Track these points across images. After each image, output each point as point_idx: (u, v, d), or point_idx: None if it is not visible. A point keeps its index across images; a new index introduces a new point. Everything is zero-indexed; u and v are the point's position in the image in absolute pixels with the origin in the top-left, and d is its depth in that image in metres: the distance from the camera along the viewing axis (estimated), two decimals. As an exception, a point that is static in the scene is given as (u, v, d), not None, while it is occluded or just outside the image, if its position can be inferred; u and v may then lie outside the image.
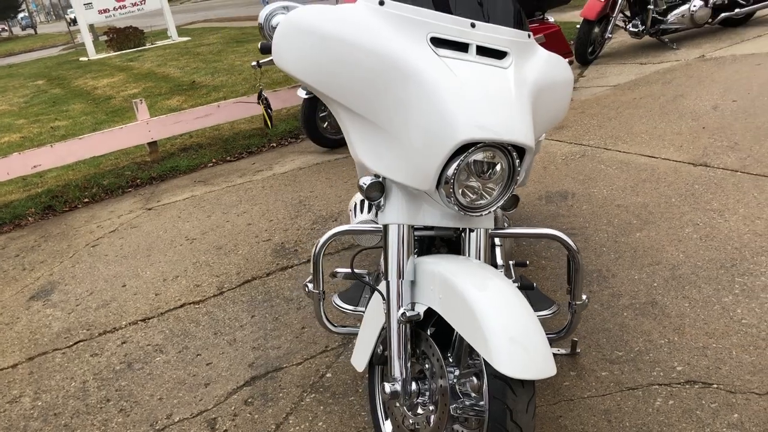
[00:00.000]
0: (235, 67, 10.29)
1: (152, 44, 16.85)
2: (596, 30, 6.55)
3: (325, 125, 5.42)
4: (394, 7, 1.60)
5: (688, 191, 3.44)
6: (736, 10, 6.83)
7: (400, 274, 1.73)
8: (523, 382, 1.54)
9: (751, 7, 6.83)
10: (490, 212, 1.71)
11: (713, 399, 2.02)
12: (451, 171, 1.56)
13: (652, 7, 6.51)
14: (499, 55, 1.68)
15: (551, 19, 5.62)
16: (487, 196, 1.67)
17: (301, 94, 5.21)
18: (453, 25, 1.62)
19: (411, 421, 1.79)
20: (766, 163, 3.59)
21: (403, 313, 1.71)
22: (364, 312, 2.27)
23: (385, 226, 1.76)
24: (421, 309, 1.72)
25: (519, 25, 1.78)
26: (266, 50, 2.06)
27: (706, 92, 5.07)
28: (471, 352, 1.72)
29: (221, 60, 11.46)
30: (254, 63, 2.12)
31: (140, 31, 17.31)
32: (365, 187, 1.71)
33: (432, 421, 1.71)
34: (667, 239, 2.99)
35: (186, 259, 3.76)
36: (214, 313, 3.10)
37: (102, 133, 5.68)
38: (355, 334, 2.07)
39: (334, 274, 2.19)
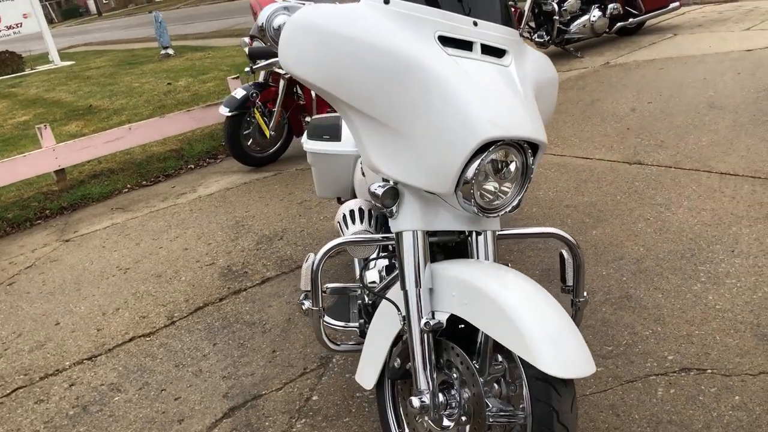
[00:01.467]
0: (134, 89, 9.83)
1: (33, 69, 15.87)
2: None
3: (249, 143, 5.26)
4: (399, 5, 1.54)
5: (631, 188, 3.57)
6: (630, 20, 7.24)
7: (418, 283, 1.65)
8: (565, 382, 1.50)
9: (642, 17, 7.26)
10: (506, 212, 1.67)
11: (711, 384, 2.07)
12: (471, 171, 1.51)
13: (557, 17, 6.78)
14: (499, 53, 1.65)
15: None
16: (502, 196, 1.64)
17: (224, 111, 5.03)
18: (458, 24, 1.58)
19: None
20: (696, 158, 3.79)
21: (427, 323, 1.64)
22: (357, 328, 2.18)
23: (398, 234, 1.68)
24: (442, 317, 1.65)
25: (511, 23, 1.77)
26: (256, 56, 1.93)
27: (621, 96, 5.32)
28: (495, 356, 1.67)
29: (116, 83, 10.93)
30: (247, 69, 1.98)
31: (18, 55, 16.28)
32: (380, 193, 1.63)
33: (468, 430, 1.64)
34: (623, 235, 3.07)
35: (123, 290, 3.50)
36: (170, 344, 2.88)
37: (2, 163, 5.24)
38: (358, 351, 1.97)
39: (328, 291, 2.08)
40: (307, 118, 5.32)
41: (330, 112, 5.32)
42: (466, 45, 1.58)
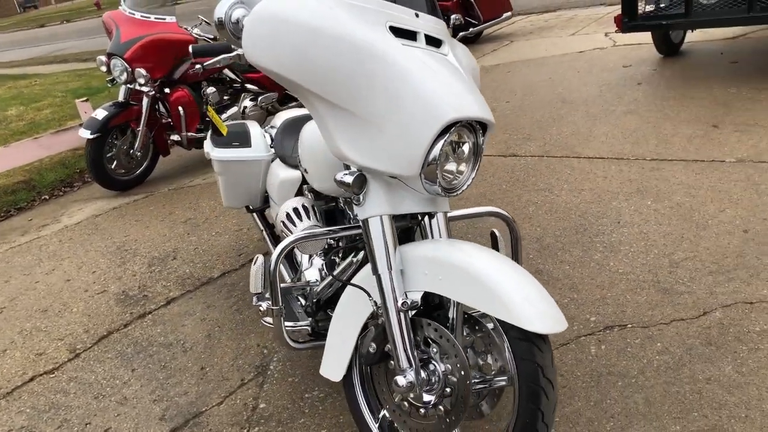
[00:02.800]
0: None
1: None
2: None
3: (113, 166, 4.98)
4: None
5: (513, 177, 3.82)
6: (470, 29, 7.70)
7: (390, 266, 1.69)
8: (543, 338, 1.61)
9: (481, 26, 7.75)
10: (463, 191, 1.76)
11: (634, 336, 2.28)
12: (436, 152, 1.57)
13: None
14: (437, 43, 1.75)
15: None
16: (458, 176, 1.72)
17: (85, 134, 4.74)
18: (404, 15, 1.66)
19: (422, 412, 1.75)
20: (563, 147, 4.13)
21: (404, 302, 1.68)
22: (308, 326, 2.16)
23: (365, 221, 1.71)
24: (416, 296, 1.70)
25: (440, 15, 1.88)
26: (200, 53, 1.85)
27: (479, 97, 5.65)
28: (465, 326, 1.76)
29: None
30: (198, 66, 1.87)
31: None
32: (351, 181, 1.64)
33: (452, 404, 1.69)
34: (519, 218, 3.29)
35: (5, 331, 3.18)
36: (81, 377, 2.67)
37: None
38: (320, 347, 1.96)
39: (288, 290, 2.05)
40: (174, 136, 5.14)
41: (201, 127, 5.18)
42: (410, 35, 1.66)
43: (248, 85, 5.46)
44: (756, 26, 5.72)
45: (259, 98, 5.44)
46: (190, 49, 1.82)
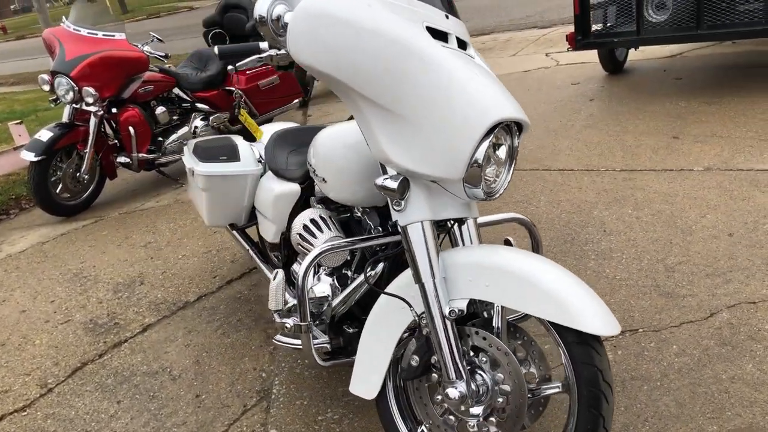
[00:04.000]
0: None
1: None
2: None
3: (58, 190, 4.71)
4: None
5: (488, 191, 3.82)
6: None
7: (434, 274, 1.62)
8: (599, 341, 1.57)
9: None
10: (500, 195, 1.71)
11: (648, 340, 2.29)
12: (481, 153, 1.53)
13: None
14: (464, 45, 1.71)
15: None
16: (496, 179, 1.68)
17: (28, 157, 4.46)
18: (437, 16, 1.63)
19: (471, 427, 1.67)
20: (531, 160, 4.18)
21: (452, 311, 1.62)
22: (327, 344, 2.05)
23: (405, 228, 1.64)
24: (460, 304, 1.63)
25: (460, 18, 1.85)
26: (228, 54, 1.73)
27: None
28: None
29: None
30: (230, 68, 1.74)
31: None
32: (395, 186, 1.57)
33: (506, 416, 1.63)
34: (504, 232, 3.28)
35: (-40, 368, 2.90)
36: (59, 413, 2.45)
37: None
38: (350, 364, 1.86)
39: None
40: (121, 158, 4.90)
41: (152, 147, 4.96)
42: (442, 36, 1.62)
43: (198, 105, 5.29)
44: (694, 44, 6.01)
45: (211, 118, 5.28)
46: (216, 50, 1.71)
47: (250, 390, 2.40)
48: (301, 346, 2.05)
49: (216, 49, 1.71)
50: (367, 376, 1.80)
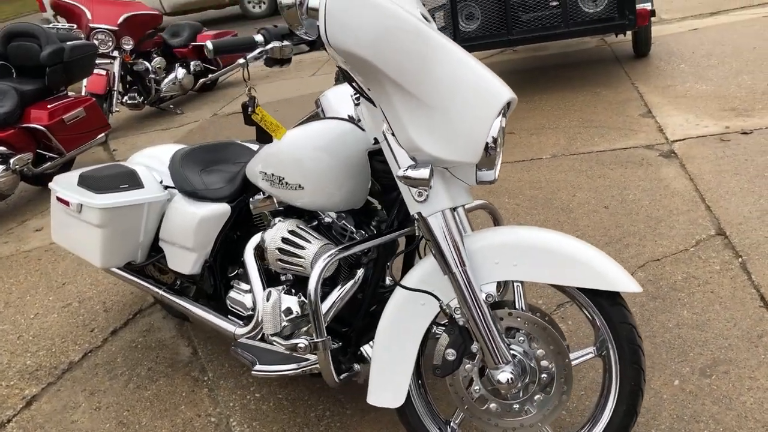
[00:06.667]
0: None
1: None
2: (104, 105, 6.29)
3: None
4: None
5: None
6: (210, 75, 7.53)
7: (463, 261, 1.59)
8: (623, 299, 1.65)
9: (218, 72, 7.61)
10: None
11: (588, 307, 2.44)
12: (494, 132, 1.55)
13: (153, 76, 6.64)
14: None
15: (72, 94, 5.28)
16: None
17: None
18: (419, 8, 1.65)
19: (517, 407, 1.66)
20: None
21: (489, 295, 1.60)
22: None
23: (425, 218, 1.59)
24: (490, 288, 1.63)
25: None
26: (221, 50, 1.48)
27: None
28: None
29: None
30: (241, 60, 1.43)
31: None
32: (427, 175, 1.51)
33: (554, 385, 1.63)
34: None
35: None
36: None
37: None
38: (355, 376, 1.77)
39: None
40: None
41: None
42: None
43: (-4, 146, 4.60)
44: (483, 52, 6.57)
45: (11, 161, 4.63)
46: (210, 45, 1.50)
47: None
48: (289, 372, 1.88)
49: (210, 44, 1.51)
50: (390, 383, 1.70)
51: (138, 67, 6.60)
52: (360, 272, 1.91)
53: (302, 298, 1.98)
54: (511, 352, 1.64)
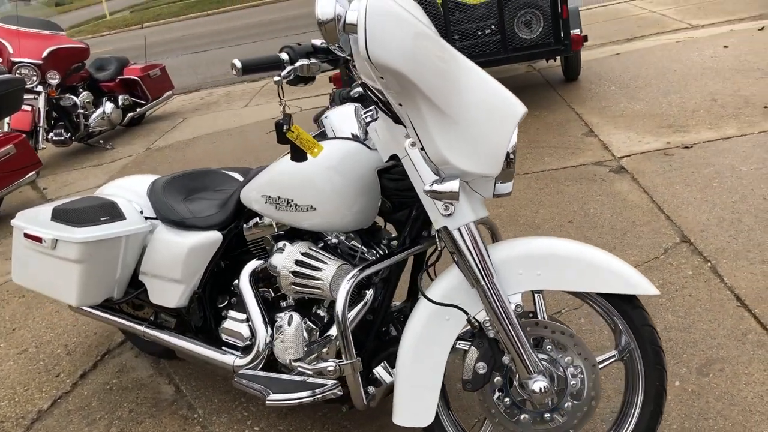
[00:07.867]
0: None
1: None
2: (31, 141, 5.99)
3: None
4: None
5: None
6: (138, 110, 7.32)
7: (491, 273, 1.61)
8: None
9: (147, 106, 7.41)
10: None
11: (579, 315, 2.50)
12: (513, 143, 1.60)
13: (82, 110, 6.39)
14: None
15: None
16: None
17: None
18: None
19: (548, 416, 1.66)
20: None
21: (518, 305, 1.62)
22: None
23: (450, 232, 1.60)
24: (518, 299, 1.65)
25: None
26: (250, 69, 1.41)
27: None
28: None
29: None
30: (277, 79, 1.33)
31: None
32: (457, 188, 1.52)
33: (585, 392, 1.65)
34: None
35: None
36: None
37: None
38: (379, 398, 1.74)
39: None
40: None
41: None
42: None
43: None
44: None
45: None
46: (239, 64, 1.45)
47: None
48: (305, 400, 1.83)
49: (238, 62, 1.47)
50: (418, 400, 1.68)
51: (65, 102, 6.35)
52: (369, 293, 1.89)
53: (308, 323, 1.94)
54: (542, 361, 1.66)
